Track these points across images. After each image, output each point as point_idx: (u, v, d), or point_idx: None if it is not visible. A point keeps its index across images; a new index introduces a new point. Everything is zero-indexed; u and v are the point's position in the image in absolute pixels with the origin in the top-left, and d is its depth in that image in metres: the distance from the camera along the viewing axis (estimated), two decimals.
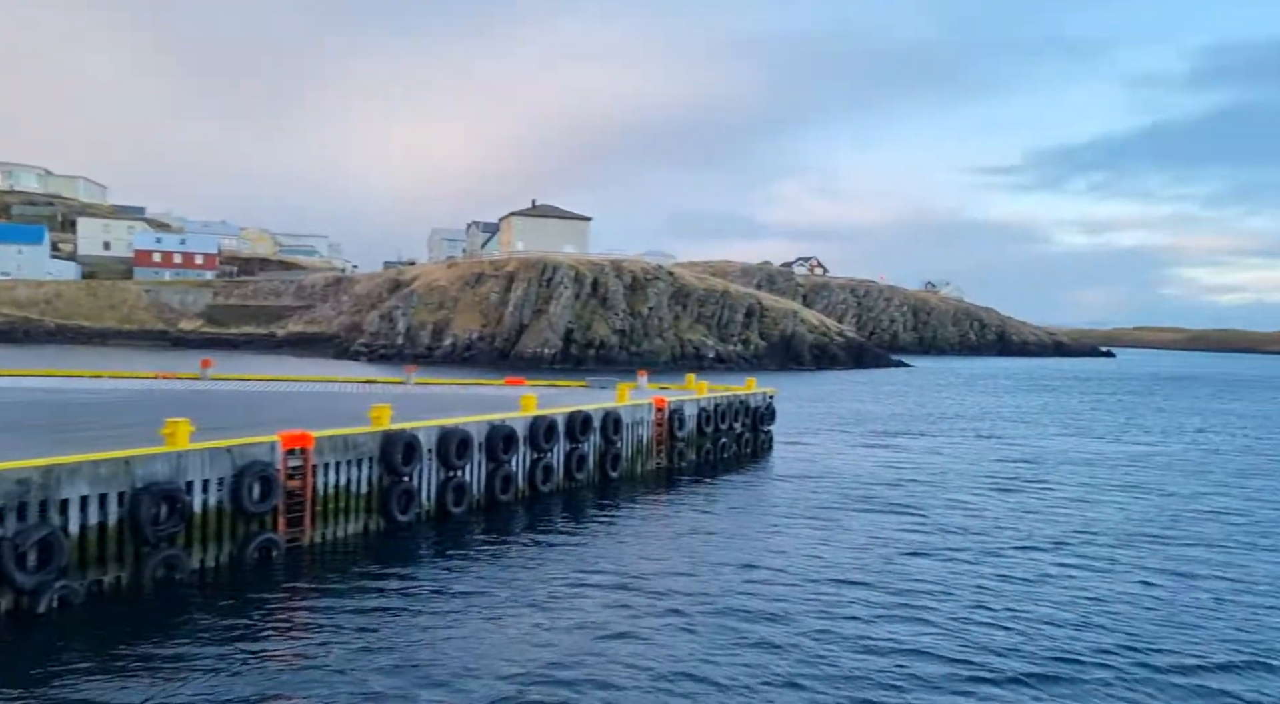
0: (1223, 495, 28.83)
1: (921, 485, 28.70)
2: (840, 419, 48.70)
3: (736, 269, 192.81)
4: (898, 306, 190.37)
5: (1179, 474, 33.14)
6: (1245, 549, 21.35)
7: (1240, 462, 37.37)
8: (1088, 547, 20.91)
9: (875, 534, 21.54)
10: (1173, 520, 24.43)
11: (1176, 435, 47.03)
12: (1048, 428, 48.54)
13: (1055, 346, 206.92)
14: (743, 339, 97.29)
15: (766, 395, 34.50)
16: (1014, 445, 40.37)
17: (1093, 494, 28.18)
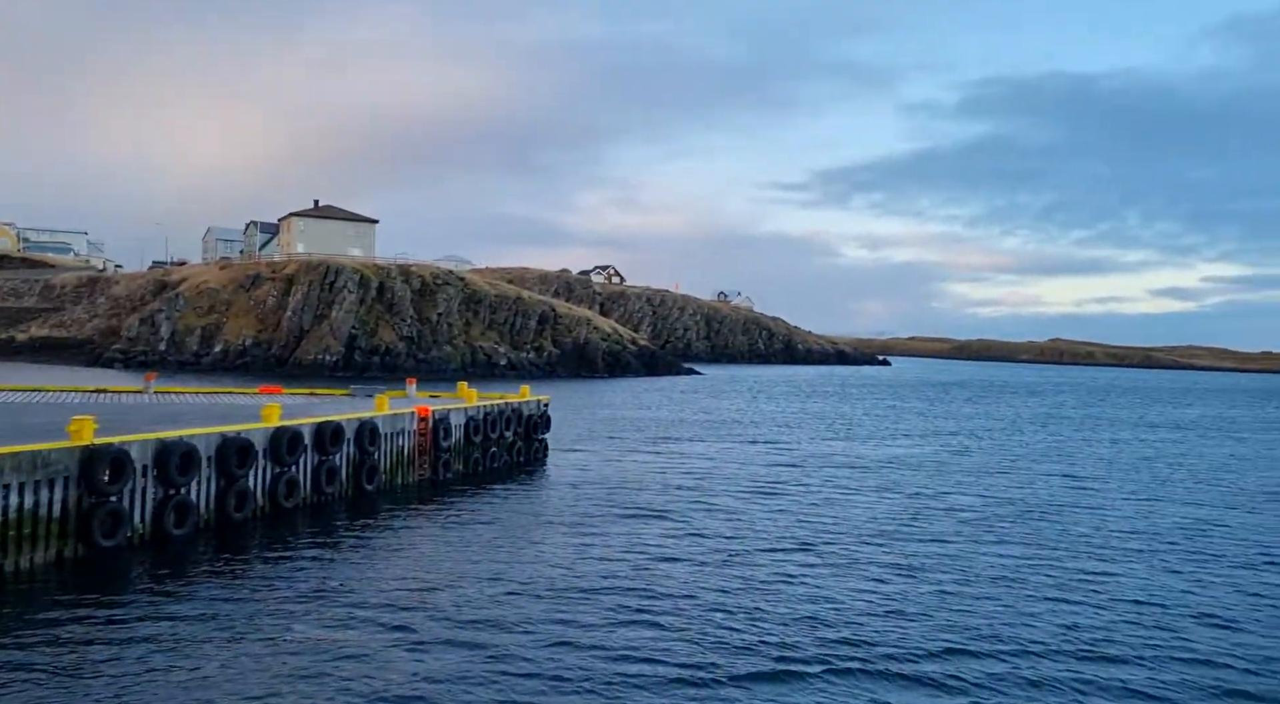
0: (961, 494, 30.99)
1: (688, 491, 29.08)
2: (622, 426, 49.03)
3: (534, 276, 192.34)
4: (691, 315, 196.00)
5: (926, 474, 35.43)
6: (971, 543, 22.87)
7: (980, 461, 40.54)
8: (831, 547, 21.71)
9: (633, 541, 21.45)
10: (913, 518, 25.90)
11: (933, 438, 50.60)
12: (820, 432, 50.96)
13: (838, 355, 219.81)
14: (536, 346, 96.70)
15: (541, 403, 34.01)
16: (785, 449, 41.96)
17: (847, 495, 29.53)
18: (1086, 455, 44.38)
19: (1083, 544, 23.28)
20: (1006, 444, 48.46)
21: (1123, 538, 24.33)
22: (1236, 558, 22.48)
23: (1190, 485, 35.27)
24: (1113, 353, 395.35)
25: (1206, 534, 25.35)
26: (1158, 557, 22.21)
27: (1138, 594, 18.61)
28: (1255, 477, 38.77)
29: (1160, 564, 21.43)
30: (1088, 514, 27.79)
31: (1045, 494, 31.53)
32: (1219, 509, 29.89)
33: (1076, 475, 36.80)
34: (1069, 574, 20.00)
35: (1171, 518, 27.75)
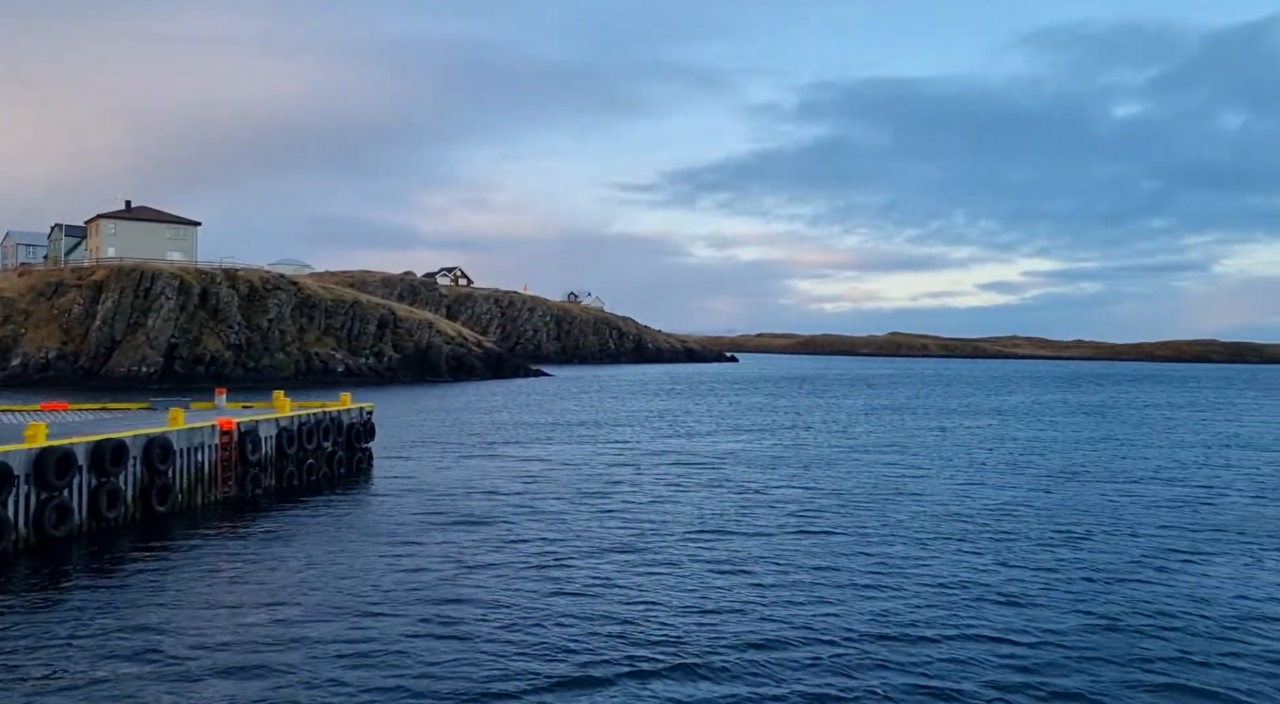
0: (790, 487, 31.48)
1: (516, 495, 28.30)
2: (459, 431, 47.66)
3: (377, 279, 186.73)
4: (541, 317, 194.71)
5: (759, 469, 35.91)
6: (793, 536, 23.08)
7: (812, 453, 41.53)
8: (652, 547, 21.41)
9: (449, 551, 20.50)
10: (739, 514, 26.00)
11: (769, 432, 51.60)
12: (659, 430, 51.10)
13: (687, 353, 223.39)
14: (375, 351, 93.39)
15: (364, 410, 32.43)
16: (622, 448, 41.74)
17: (677, 493, 29.44)
18: (912, 444, 46.25)
19: (899, 531, 23.91)
20: (839, 435, 49.97)
21: (936, 523, 25.17)
22: (1035, 537, 23.59)
23: (1002, 469, 37.16)
24: (944, 344, 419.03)
25: (1011, 515, 26.57)
26: (967, 540, 23.03)
27: (944, 577, 19.14)
28: (1060, 458, 41.31)
29: (968, 547, 22.21)
30: (908, 501, 28.69)
31: (870, 483, 32.45)
32: (1025, 491, 31.52)
33: (900, 464, 38.17)
34: (884, 561, 20.41)
35: (982, 501, 29.00)
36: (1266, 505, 29.51)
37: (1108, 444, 47.67)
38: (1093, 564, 20.76)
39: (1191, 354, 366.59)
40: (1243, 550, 22.70)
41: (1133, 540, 23.62)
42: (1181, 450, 45.32)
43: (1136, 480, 34.55)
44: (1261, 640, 15.42)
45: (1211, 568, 20.66)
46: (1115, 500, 29.83)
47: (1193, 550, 22.47)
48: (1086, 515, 27.00)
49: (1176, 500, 30.07)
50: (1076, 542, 23.19)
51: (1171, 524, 25.86)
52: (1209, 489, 32.65)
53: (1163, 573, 20.08)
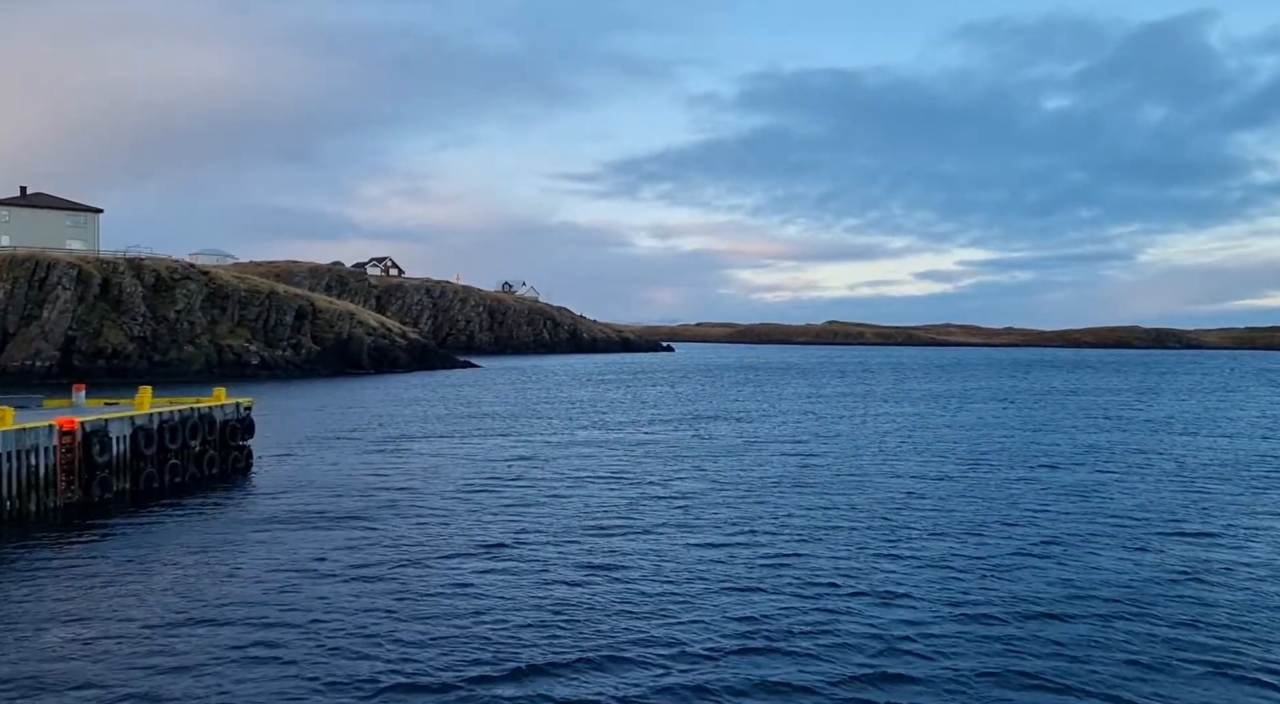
0: (689, 479, 30.54)
1: (399, 493, 26.88)
2: (361, 425, 45.83)
3: (304, 270, 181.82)
4: (473, 307, 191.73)
5: (662, 460, 34.93)
6: (679, 532, 22.07)
7: (722, 444, 40.70)
8: (524, 547, 20.24)
9: (302, 555, 19.07)
10: (628, 509, 24.95)
11: (684, 422, 50.70)
12: (573, 420, 49.86)
13: (623, 343, 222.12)
14: (293, 343, 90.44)
15: (241, 406, 30.59)
16: (527, 441, 40.43)
17: (571, 488, 28.28)
18: (826, 432, 45.75)
19: (785, 526, 23.07)
20: (755, 425, 49.30)
21: (825, 516, 24.40)
22: (922, 530, 22.94)
23: (907, 458, 36.75)
24: (880, 333, 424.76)
25: (905, 508, 25.95)
26: (854, 533, 22.27)
27: (822, 574, 18.29)
28: (967, 446, 41.11)
29: (853, 541, 21.43)
30: (800, 494, 27.93)
31: (770, 474, 31.69)
32: (927, 481, 31.02)
33: (806, 454, 37.53)
34: (761, 559, 19.50)
35: (877, 493, 28.40)
36: (1152, 494, 29.44)
37: (983, 431, 47.80)
38: (975, 556, 20.15)
39: (1114, 340, 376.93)
40: (1130, 537, 22.36)
41: (999, 531, 23.13)
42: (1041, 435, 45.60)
43: (994, 464, 34.39)
44: (1140, 629, 14.81)
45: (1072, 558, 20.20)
46: (990, 490, 29.50)
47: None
48: (976, 506, 26.54)
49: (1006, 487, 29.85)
50: (961, 535, 22.60)
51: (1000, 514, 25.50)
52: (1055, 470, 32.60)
53: (1033, 564, 19.52)
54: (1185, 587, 17.85)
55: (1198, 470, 34.08)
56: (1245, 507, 26.76)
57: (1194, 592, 17.47)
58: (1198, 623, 15.54)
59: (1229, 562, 19.98)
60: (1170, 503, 27.25)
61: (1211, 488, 30.15)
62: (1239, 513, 25.85)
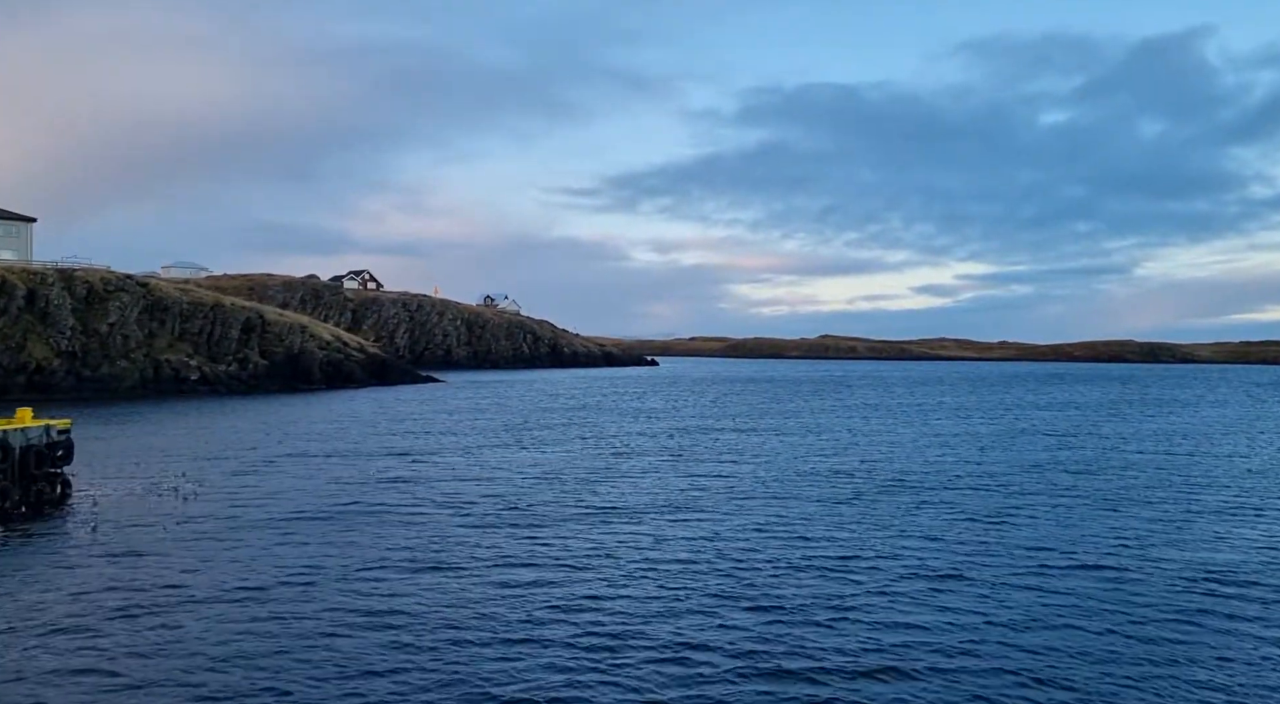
0: (557, 503, 27.64)
1: (218, 523, 23.95)
2: (230, 447, 42.81)
3: (279, 283, 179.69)
4: (451, 321, 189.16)
5: (545, 483, 32.00)
6: (504, 570, 19.17)
7: (636, 463, 37.79)
8: (349, 581, 17.27)
9: (58, 604, 16.15)
10: (468, 540, 22.01)
11: (602, 439, 47.78)
12: (488, 439, 46.92)
13: (605, 357, 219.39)
14: (239, 358, 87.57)
15: (53, 429, 27.64)
16: (432, 464, 37.50)
17: (412, 517, 25.37)
18: (747, 451, 42.83)
19: (641, 557, 20.16)
20: (677, 442, 46.39)
21: (690, 547, 21.48)
22: (785, 562, 20.03)
23: (825, 478, 33.83)
24: (872, 346, 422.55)
25: (789, 540, 23.07)
26: (711, 567, 19.36)
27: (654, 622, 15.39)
28: (896, 465, 38.18)
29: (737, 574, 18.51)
30: (679, 525, 25.02)
31: (658, 498, 28.78)
32: (827, 504, 28.13)
33: (695, 474, 34.62)
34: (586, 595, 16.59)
35: (760, 516, 25.48)
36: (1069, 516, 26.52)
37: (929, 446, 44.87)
38: (867, 586, 17.29)
39: (1108, 354, 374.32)
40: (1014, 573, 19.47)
41: (903, 557, 20.24)
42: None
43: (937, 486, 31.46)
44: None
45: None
46: (900, 512, 26.57)
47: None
48: (878, 528, 23.63)
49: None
50: (862, 566, 19.70)
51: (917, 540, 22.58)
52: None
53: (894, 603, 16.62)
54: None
55: (1109, 493, 31.16)
56: (1159, 525, 23.86)
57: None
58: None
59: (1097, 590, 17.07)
60: (1071, 534, 24.34)
61: (1121, 514, 27.24)
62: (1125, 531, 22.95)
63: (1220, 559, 22.14)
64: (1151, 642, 15.94)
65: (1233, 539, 24.45)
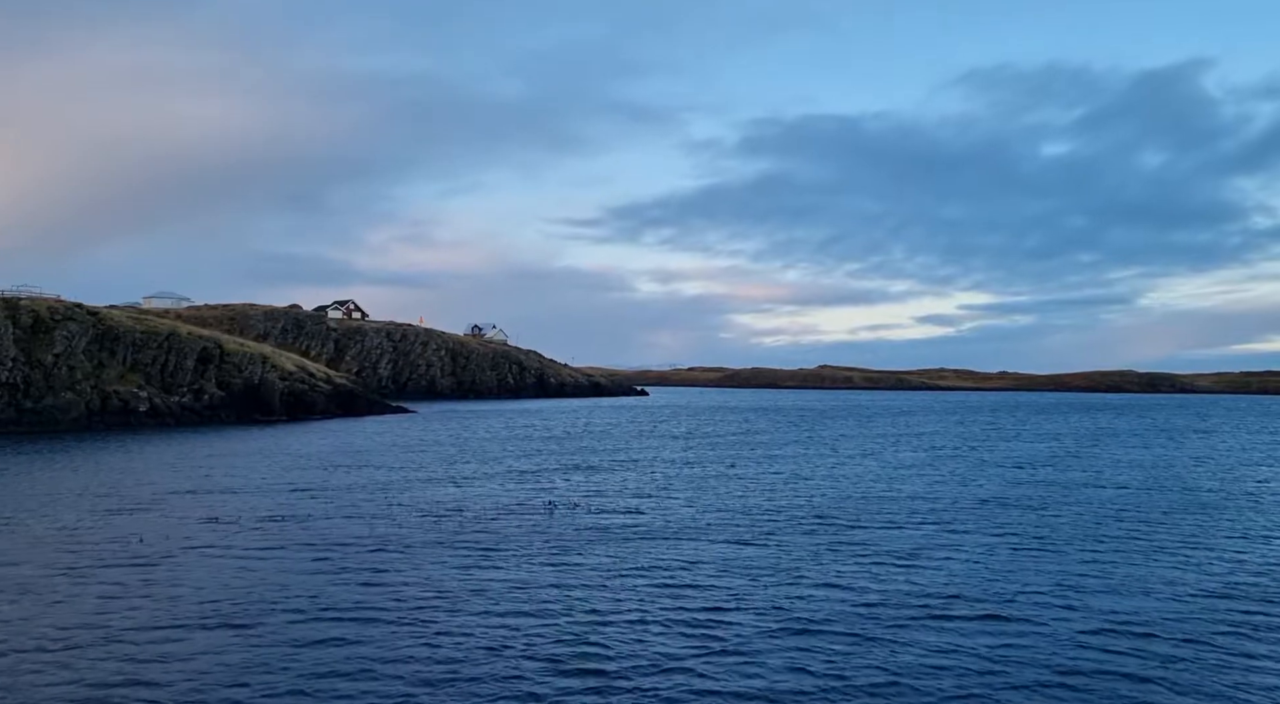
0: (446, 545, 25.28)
1: (34, 572, 21.64)
2: (118, 486, 40.51)
3: (260, 313, 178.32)
4: (434, 351, 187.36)
5: (450, 518, 29.64)
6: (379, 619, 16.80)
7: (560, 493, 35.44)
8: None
9: None
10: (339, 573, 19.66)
11: (542, 473, 45.42)
12: (404, 471, 44.59)
13: (593, 387, 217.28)
14: (194, 389, 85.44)
15: None
16: (291, 503, 35.16)
17: (251, 561, 23.02)
18: (672, 486, 40.45)
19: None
20: (602, 475, 44.02)
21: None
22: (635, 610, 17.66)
23: (740, 516, 31.45)
24: (869, 376, 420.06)
25: (675, 587, 20.71)
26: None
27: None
28: (827, 501, 35.75)
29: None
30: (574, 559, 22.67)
31: (570, 527, 26.41)
32: (731, 546, 25.74)
33: (613, 510, 32.25)
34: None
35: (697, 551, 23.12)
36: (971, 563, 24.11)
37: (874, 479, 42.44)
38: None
39: (1106, 384, 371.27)
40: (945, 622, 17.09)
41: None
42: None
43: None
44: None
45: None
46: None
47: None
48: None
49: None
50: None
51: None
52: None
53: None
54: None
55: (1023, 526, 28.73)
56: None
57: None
58: None
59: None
60: (984, 577, 21.93)
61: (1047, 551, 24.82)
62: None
63: (1130, 607, 19.72)
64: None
65: (1155, 585, 22.03)
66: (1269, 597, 20.90)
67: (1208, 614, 19.34)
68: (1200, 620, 18.86)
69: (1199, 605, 20.05)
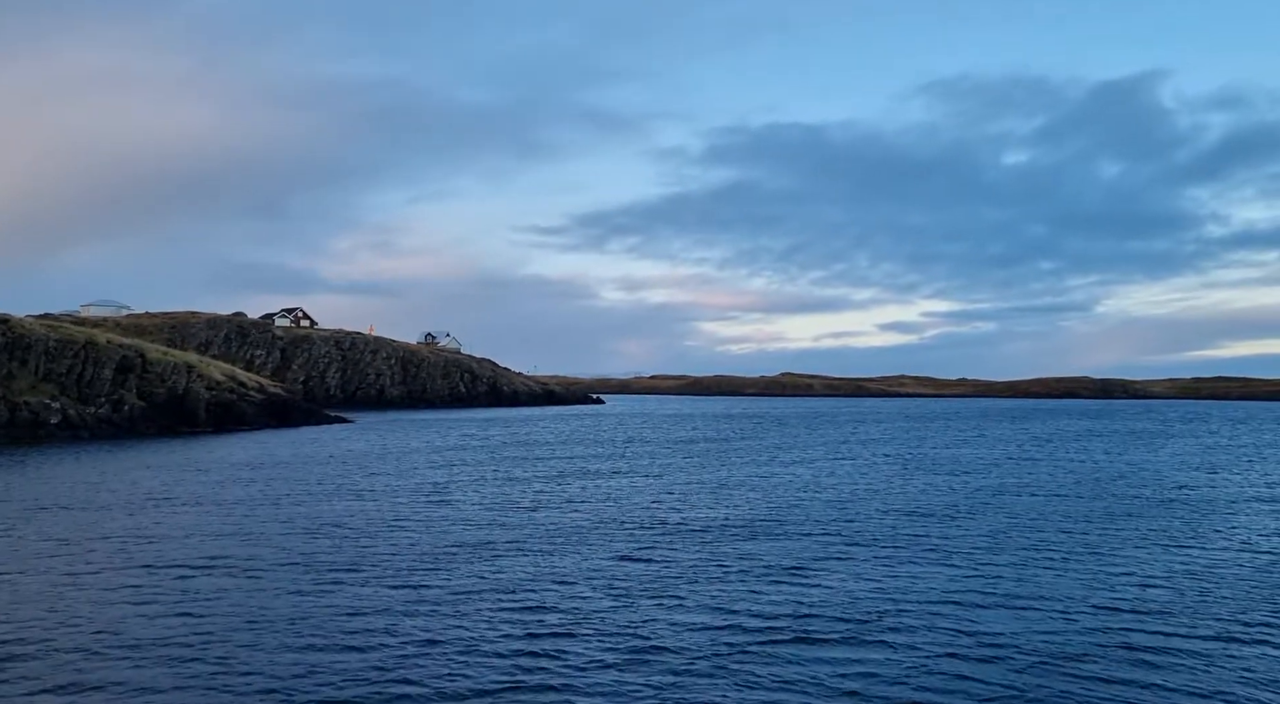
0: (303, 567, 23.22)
1: None
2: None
3: (203, 321, 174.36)
4: (384, 359, 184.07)
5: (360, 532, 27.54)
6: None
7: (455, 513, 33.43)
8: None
9: None
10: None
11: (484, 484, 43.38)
12: (303, 489, 42.33)
13: (547, 395, 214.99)
14: (113, 400, 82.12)
15: None
16: (174, 530, 32.86)
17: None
18: (578, 496, 38.63)
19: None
20: (503, 486, 42.10)
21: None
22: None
23: (631, 528, 29.69)
24: (829, 384, 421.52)
25: (519, 611, 18.84)
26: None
27: None
28: (733, 510, 34.11)
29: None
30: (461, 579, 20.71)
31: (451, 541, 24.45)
32: (612, 561, 23.93)
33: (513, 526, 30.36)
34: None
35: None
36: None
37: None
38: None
39: (1062, 391, 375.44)
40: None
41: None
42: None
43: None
44: None
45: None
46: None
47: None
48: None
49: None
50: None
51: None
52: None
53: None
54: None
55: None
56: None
57: None
58: None
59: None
60: (856, 592, 20.35)
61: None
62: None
63: (1001, 624, 18.20)
64: None
65: (1037, 599, 20.57)
66: (1152, 611, 19.53)
67: (1076, 629, 17.88)
68: (1068, 636, 17.38)
69: (1075, 621, 18.60)
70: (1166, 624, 18.52)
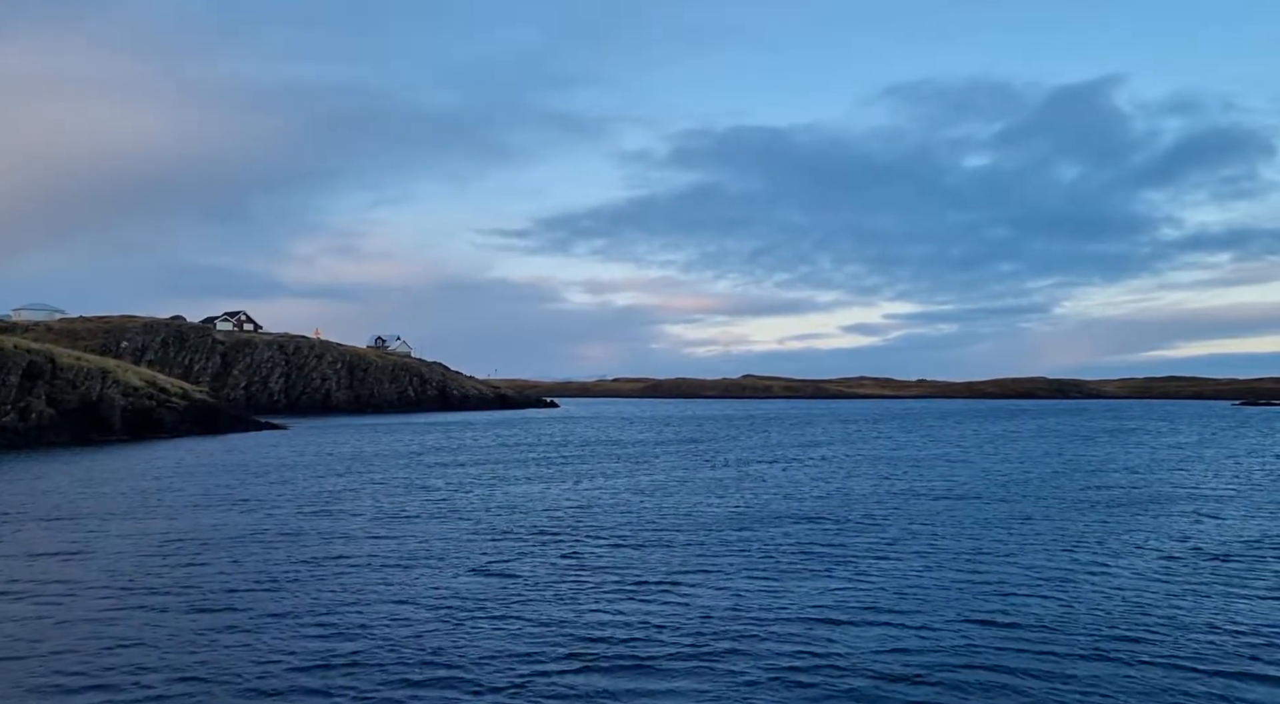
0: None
1: None
2: None
3: (138, 325, 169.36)
4: (331, 363, 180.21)
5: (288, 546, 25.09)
6: None
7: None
8: None
9: None
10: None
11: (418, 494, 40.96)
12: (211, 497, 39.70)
13: (498, 399, 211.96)
14: (20, 407, 78.38)
15: None
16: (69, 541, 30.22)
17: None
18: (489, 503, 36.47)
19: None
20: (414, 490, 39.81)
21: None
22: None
23: (537, 535, 27.58)
24: (788, 386, 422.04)
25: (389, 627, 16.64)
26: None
27: None
28: (655, 515, 32.11)
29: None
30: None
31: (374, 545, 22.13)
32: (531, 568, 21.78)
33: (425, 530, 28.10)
34: None
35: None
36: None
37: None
38: None
39: (1018, 391, 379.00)
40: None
41: None
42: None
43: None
44: None
45: None
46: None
47: None
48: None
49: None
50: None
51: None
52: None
53: None
54: None
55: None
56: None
57: None
58: None
59: None
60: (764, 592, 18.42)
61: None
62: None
63: (864, 640, 16.36)
64: None
65: (916, 608, 18.78)
66: (1029, 625, 17.81)
67: (931, 646, 16.09)
68: (923, 654, 15.58)
69: (935, 635, 16.81)
70: (1038, 638, 16.80)
